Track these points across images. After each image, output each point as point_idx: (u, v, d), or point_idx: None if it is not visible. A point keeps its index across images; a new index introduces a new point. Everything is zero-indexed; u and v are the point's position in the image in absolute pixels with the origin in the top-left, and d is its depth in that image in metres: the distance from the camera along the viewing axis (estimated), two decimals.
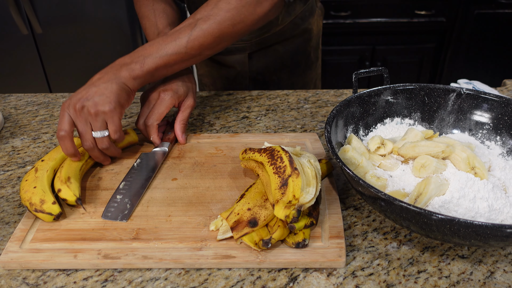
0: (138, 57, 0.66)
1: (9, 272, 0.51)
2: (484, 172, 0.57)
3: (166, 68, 0.68)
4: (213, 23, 0.67)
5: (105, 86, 0.63)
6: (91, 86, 0.63)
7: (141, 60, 0.66)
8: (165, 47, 0.66)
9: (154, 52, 0.66)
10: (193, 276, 0.50)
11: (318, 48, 1.11)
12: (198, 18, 0.67)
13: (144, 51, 0.66)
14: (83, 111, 0.61)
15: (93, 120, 0.62)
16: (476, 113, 0.69)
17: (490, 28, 2.15)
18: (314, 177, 0.54)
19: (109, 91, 0.63)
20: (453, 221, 0.43)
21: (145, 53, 0.66)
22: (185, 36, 0.66)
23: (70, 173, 0.62)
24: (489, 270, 0.51)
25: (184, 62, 0.69)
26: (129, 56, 0.67)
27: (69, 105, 0.62)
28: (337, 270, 0.51)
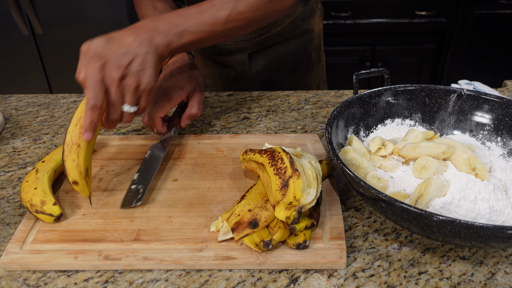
0: (175, 27, 0.61)
1: (9, 273, 0.51)
2: (485, 173, 0.57)
3: (198, 43, 0.65)
4: (251, 7, 0.65)
5: (144, 57, 0.58)
6: (127, 52, 0.57)
7: (179, 31, 0.61)
8: (203, 22, 0.63)
9: (192, 25, 0.62)
10: (194, 277, 0.50)
11: (320, 50, 1.11)
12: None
13: (180, 21, 0.62)
14: (122, 83, 0.57)
15: (129, 94, 0.58)
16: (477, 114, 0.69)
17: (491, 29, 2.15)
18: (315, 178, 0.54)
19: (149, 64, 0.58)
20: (454, 222, 0.43)
21: (182, 23, 0.62)
22: (223, 15, 0.64)
23: (88, 163, 0.58)
24: (490, 271, 0.51)
25: (213, 40, 0.67)
26: (163, 21, 0.61)
27: (104, 70, 0.55)
28: (338, 272, 0.51)
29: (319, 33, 1.09)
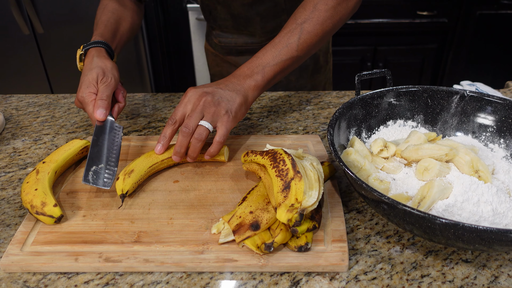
0: (257, 67, 0.69)
1: (10, 275, 0.51)
2: (488, 175, 0.57)
3: (280, 73, 0.72)
4: (317, 24, 0.71)
5: (231, 95, 0.66)
6: (218, 88, 0.66)
7: (260, 70, 0.69)
8: (279, 54, 0.70)
9: (270, 60, 0.69)
10: (195, 279, 0.50)
11: (327, 53, 1.11)
12: (301, 22, 0.71)
13: (260, 61, 0.70)
14: (204, 100, 0.64)
15: (208, 113, 0.64)
16: (479, 115, 0.69)
17: (493, 29, 2.14)
18: (317, 180, 0.54)
19: (233, 100, 0.66)
20: (457, 225, 0.43)
21: (262, 62, 0.69)
22: (294, 40, 0.70)
23: (136, 167, 0.63)
24: (493, 274, 0.51)
25: (294, 65, 0.73)
26: (246, 67, 0.70)
27: (192, 95, 0.65)
28: (339, 274, 0.50)
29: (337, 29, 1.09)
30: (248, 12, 0.96)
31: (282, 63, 0.70)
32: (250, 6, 0.95)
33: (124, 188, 0.60)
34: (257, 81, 0.69)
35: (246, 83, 0.68)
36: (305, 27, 0.70)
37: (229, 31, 1.04)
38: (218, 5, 0.98)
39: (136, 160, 0.65)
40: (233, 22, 1.00)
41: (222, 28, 1.04)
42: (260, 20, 0.97)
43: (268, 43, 0.71)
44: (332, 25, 0.73)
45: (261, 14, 0.96)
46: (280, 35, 0.71)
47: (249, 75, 0.69)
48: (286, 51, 0.70)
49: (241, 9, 0.96)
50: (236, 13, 0.97)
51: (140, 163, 0.64)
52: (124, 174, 0.62)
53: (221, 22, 1.02)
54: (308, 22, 0.70)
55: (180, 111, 0.65)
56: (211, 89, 0.66)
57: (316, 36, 0.72)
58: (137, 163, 0.64)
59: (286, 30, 0.71)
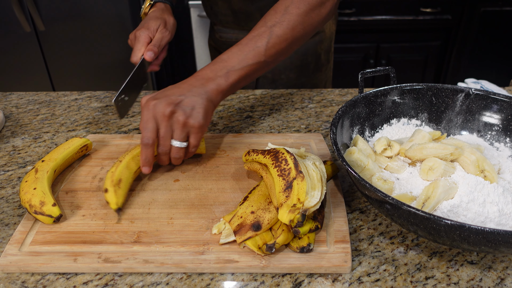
0: (221, 70, 0.65)
1: (8, 275, 0.50)
2: (494, 175, 0.56)
3: (246, 78, 0.67)
4: (287, 29, 0.67)
5: (195, 100, 0.62)
6: (180, 95, 0.62)
7: (224, 73, 0.65)
8: (245, 57, 0.66)
9: (236, 64, 0.65)
10: (195, 281, 0.49)
11: (329, 51, 1.10)
12: (271, 25, 0.67)
13: (224, 63, 0.66)
14: (171, 118, 0.60)
15: (178, 130, 0.61)
16: (485, 114, 0.68)
17: (497, 26, 2.12)
18: (319, 180, 0.53)
19: (199, 105, 0.62)
20: (463, 227, 0.42)
21: (227, 65, 0.65)
22: (262, 44, 0.66)
23: (123, 175, 0.60)
24: (499, 276, 0.50)
25: (261, 70, 0.69)
26: (209, 69, 0.66)
27: (155, 108, 0.60)
28: (342, 276, 0.50)
29: (331, 35, 1.08)
30: (249, 8, 0.95)
31: (248, 68, 0.66)
32: (250, 2, 0.94)
33: (118, 201, 0.57)
34: (220, 85, 0.64)
35: (209, 87, 0.63)
36: (275, 31, 0.66)
37: (230, 27, 1.03)
38: (219, 0, 0.97)
39: (120, 166, 0.61)
40: (233, 17, 0.99)
41: (223, 23, 1.04)
42: (261, 15, 0.96)
43: (235, 45, 0.67)
44: (303, 31, 0.69)
45: (262, 9, 0.95)
46: (248, 37, 0.67)
47: (212, 78, 0.64)
48: (252, 55, 0.66)
49: (241, 4, 0.95)
50: (237, 9, 0.97)
51: (125, 170, 0.61)
52: (113, 185, 0.58)
53: (222, 18, 1.02)
54: (278, 25, 0.67)
55: (149, 128, 0.60)
56: (174, 98, 0.61)
57: (285, 41, 0.68)
58: (121, 170, 0.60)
59: (255, 33, 0.67)
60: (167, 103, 0.60)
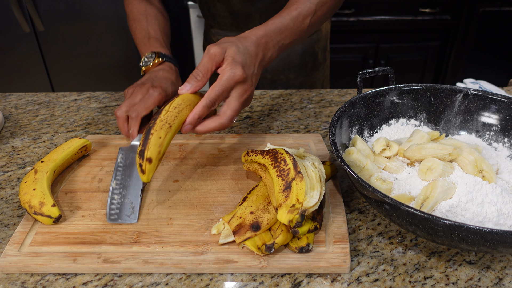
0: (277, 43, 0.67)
1: (7, 276, 0.50)
2: (492, 175, 0.56)
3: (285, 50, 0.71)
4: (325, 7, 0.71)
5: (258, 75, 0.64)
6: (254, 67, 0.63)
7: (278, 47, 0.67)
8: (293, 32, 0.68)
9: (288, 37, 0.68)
10: (195, 281, 0.49)
11: (326, 50, 1.10)
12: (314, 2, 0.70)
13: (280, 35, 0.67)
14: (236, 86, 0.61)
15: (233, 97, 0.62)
16: (483, 114, 0.68)
17: (496, 26, 2.12)
18: (318, 180, 0.53)
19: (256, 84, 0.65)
20: (462, 227, 0.42)
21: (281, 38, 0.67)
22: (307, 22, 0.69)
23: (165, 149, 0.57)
24: (498, 276, 0.50)
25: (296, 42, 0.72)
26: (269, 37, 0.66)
27: (243, 85, 0.61)
28: (341, 276, 0.50)
29: (326, 33, 1.09)
30: (248, 9, 0.95)
31: (291, 44, 0.69)
32: (249, 3, 0.94)
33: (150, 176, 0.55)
34: (271, 58, 0.67)
35: (268, 59, 0.66)
36: (318, 9, 0.70)
37: (228, 29, 1.03)
38: (218, 2, 0.97)
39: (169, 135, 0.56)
40: (232, 19, 0.99)
41: (221, 25, 1.03)
42: (260, 17, 0.96)
43: (286, 13, 0.68)
44: (332, 13, 0.74)
45: (261, 10, 0.95)
46: (296, 8, 0.69)
47: (271, 50, 0.66)
48: (299, 31, 0.69)
49: (241, 5, 0.95)
50: (236, 10, 0.96)
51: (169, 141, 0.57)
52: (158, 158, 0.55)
53: (220, 20, 1.01)
54: (320, 3, 0.70)
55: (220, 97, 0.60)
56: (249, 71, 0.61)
57: (319, 22, 0.71)
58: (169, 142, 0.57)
59: (302, 6, 0.69)
60: (251, 85, 0.62)
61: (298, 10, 0.69)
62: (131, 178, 0.62)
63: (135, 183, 0.62)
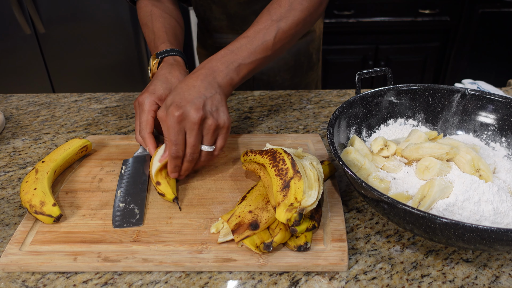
0: (232, 63, 0.64)
1: (8, 274, 0.51)
2: (489, 174, 0.56)
3: (253, 71, 0.67)
4: (292, 24, 0.68)
5: (216, 98, 0.60)
6: (200, 95, 0.59)
7: (235, 67, 0.64)
8: (254, 51, 0.65)
9: (246, 57, 0.65)
10: (194, 279, 0.50)
11: (319, 50, 1.11)
12: (277, 20, 0.67)
13: (234, 56, 0.64)
14: (204, 125, 0.59)
15: (208, 135, 0.60)
16: (481, 114, 0.68)
17: (495, 27, 2.13)
18: (317, 180, 0.53)
19: (220, 103, 0.61)
20: (458, 225, 0.42)
21: (237, 58, 0.64)
22: (270, 39, 0.66)
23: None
24: (494, 274, 0.50)
25: (264, 65, 0.69)
26: (219, 61, 0.64)
27: (184, 118, 0.57)
28: (339, 274, 0.50)
29: (320, 33, 1.09)
30: (245, 11, 0.95)
31: (257, 62, 0.66)
32: (246, 5, 0.94)
33: (173, 191, 0.59)
34: (232, 79, 0.64)
35: (221, 81, 0.62)
36: (281, 26, 0.66)
37: (223, 32, 1.02)
38: (213, 4, 0.96)
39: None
40: (228, 22, 0.99)
41: (216, 28, 1.02)
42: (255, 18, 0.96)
43: (242, 36, 0.66)
44: (303, 28, 0.70)
45: (257, 12, 0.95)
46: (254, 29, 0.66)
47: (224, 72, 0.63)
48: (261, 49, 0.65)
49: (237, 8, 0.95)
50: (232, 12, 0.96)
51: None
52: (164, 177, 0.61)
53: (215, 23, 1.01)
54: (284, 20, 0.67)
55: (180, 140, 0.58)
56: (198, 102, 0.58)
57: (289, 36, 0.68)
58: None
59: (261, 26, 0.67)
60: (195, 110, 0.57)
61: (255, 31, 0.66)
62: (135, 186, 0.63)
63: (139, 190, 0.62)
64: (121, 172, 0.66)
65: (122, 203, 0.59)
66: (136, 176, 0.65)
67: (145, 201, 0.60)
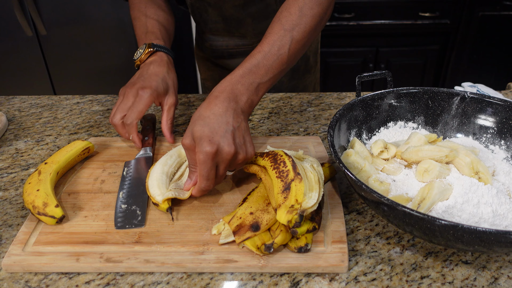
0: (251, 85, 0.63)
1: (11, 275, 0.51)
2: (488, 177, 0.57)
3: (269, 88, 0.67)
4: (304, 32, 0.66)
5: (242, 126, 0.60)
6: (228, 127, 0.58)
7: (255, 88, 0.63)
8: (271, 67, 0.64)
9: (264, 75, 0.64)
10: (195, 280, 0.50)
11: (317, 53, 1.12)
12: (290, 29, 0.65)
13: (253, 76, 0.63)
14: (234, 158, 0.58)
15: (235, 165, 0.60)
16: (480, 117, 0.69)
17: (495, 30, 2.14)
18: (317, 182, 0.54)
19: (246, 132, 0.61)
20: (457, 227, 0.43)
21: (256, 78, 0.63)
22: (285, 51, 0.65)
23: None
24: (493, 276, 0.51)
25: (279, 78, 0.68)
26: (240, 83, 0.62)
27: (219, 152, 0.56)
28: (339, 275, 0.51)
29: (317, 37, 1.09)
30: (240, 14, 0.95)
31: (274, 78, 0.65)
32: (241, 8, 0.94)
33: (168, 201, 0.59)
34: (253, 101, 0.63)
35: (244, 105, 0.62)
36: (294, 35, 0.65)
37: (220, 34, 1.02)
38: (209, 7, 0.97)
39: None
40: (224, 24, 0.99)
41: (212, 31, 1.03)
42: (252, 21, 0.97)
43: (257, 51, 0.65)
44: (315, 34, 0.69)
45: (253, 15, 0.95)
46: (268, 41, 0.65)
47: (245, 94, 0.62)
48: (277, 64, 0.64)
49: (232, 10, 0.95)
50: (228, 15, 0.96)
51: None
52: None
53: (212, 25, 1.01)
54: (296, 29, 0.65)
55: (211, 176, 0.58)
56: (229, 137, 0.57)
57: (303, 46, 0.67)
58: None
59: (275, 37, 0.65)
60: (228, 146, 0.57)
61: (270, 44, 0.64)
62: (137, 188, 0.64)
63: (141, 192, 0.63)
64: (123, 174, 0.67)
65: (124, 205, 0.60)
66: (138, 177, 0.66)
67: (147, 203, 0.61)
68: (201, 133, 0.56)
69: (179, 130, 0.85)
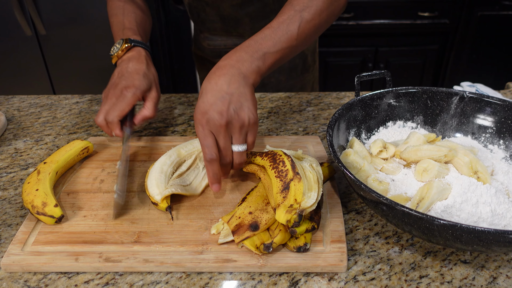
0: (256, 52, 0.62)
1: (10, 274, 0.51)
2: (487, 177, 0.57)
3: (280, 61, 0.65)
4: (315, 14, 0.66)
5: (240, 92, 0.58)
6: (224, 95, 0.57)
7: (261, 55, 0.62)
8: (278, 40, 0.63)
9: (271, 46, 0.63)
10: (194, 280, 0.50)
11: (315, 52, 1.12)
12: (300, 10, 0.65)
13: (259, 45, 0.62)
14: (228, 126, 0.57)
15: (236, 134, 0.58)
16: (479, 116, 0.69)
17: (494, 30, 2.14)
18: (316, 181, 0.54)
19: (246, 98, 0.59)
20: (455, 226, 0.43)
21: (261, 47, 0.62)
22: (294, 28, 0.64)
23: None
24: (492, 275, 0.51)
25: (290, 55, 0.67)
26: (243, 51, 0.62)
27: (209, 123, 0.57)
28: (338, 275, 0.51)
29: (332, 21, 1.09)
30: (238, 13, 0.95)
31: (282, 51, 0.64)
32: (239, 7, 0.94)
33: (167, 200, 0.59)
34: (259, 67, 0.61)
35: (247, 70, 0.60)
36: (304, 16, 0.65)
37: (217, 33, 1.03)
38: (207, 7, 0.97)
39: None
40: (222, 24, 0.99)
41: (210, 30, 1.03)
42: (250, 21, 0.97)
43: (266, 28, 0.64)
44: (327, 18, 0.68)
45: (250, 15, 0.95)
46: (278, 20, 0.65)
47: (249, 61, 0.61)
48: (286, 39, 0.63)
49: (230, 10, 0.95)
50: (226, 15, 0.96)
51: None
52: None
53: (209, 25, 1.01)
54: (307, 10, 0.65)
55: (210, 144, 0.57)
56: (221, 105, 0.57)
57: (313, 27, 0.66)
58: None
59: (285, 16, 0.65)
60: (219, 114, 0.56)
61: (279, 22, 0.64)
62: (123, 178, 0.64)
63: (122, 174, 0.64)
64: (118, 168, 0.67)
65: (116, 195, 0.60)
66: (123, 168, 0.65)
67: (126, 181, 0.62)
68: (197, 107, 0.58)
69: (178, 130, 0.85)
